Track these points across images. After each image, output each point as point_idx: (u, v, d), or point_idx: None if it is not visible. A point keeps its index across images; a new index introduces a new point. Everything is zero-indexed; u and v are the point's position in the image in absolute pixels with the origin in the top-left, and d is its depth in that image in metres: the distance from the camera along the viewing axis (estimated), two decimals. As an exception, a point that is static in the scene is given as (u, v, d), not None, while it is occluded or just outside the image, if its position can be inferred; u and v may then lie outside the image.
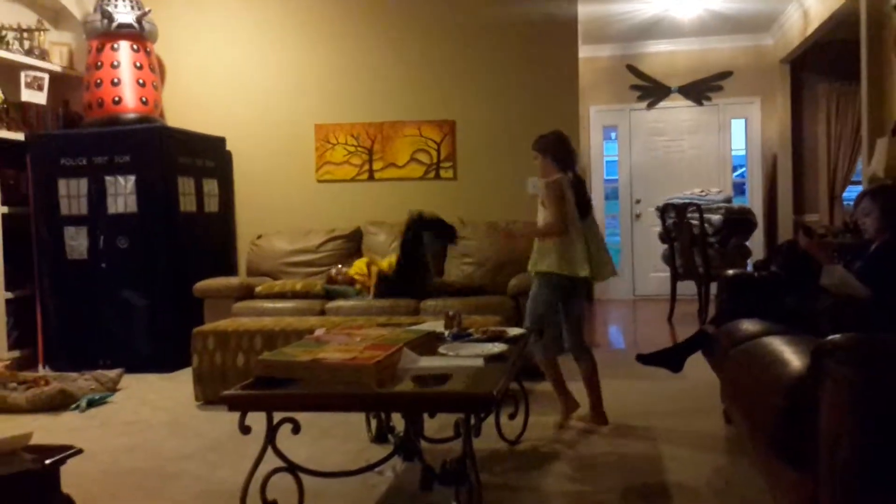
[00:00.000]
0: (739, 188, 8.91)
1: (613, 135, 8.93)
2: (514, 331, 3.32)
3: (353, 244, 5.63)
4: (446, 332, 3.18)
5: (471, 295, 4.92)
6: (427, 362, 2.73)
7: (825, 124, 8.17)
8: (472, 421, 2.42)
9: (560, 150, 3.84)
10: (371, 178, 5.98)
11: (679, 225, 6.95)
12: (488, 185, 5.88)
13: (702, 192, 7.80)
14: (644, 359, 3.76)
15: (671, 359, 3.70)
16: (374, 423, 3.45)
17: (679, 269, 7.09)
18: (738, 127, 8.68)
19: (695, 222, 6.77)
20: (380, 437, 3.39)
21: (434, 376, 2.55)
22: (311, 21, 6.08)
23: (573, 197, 3.67)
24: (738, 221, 7.16)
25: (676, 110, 8.63)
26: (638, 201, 8.78)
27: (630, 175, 8.80)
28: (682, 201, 7.21)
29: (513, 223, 5.50)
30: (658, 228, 7.55)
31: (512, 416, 3.49)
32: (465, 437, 2.39)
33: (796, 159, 8.26)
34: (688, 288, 7.02)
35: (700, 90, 8.48)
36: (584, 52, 8.05)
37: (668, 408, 3.99)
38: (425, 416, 3.29)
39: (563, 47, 5.82)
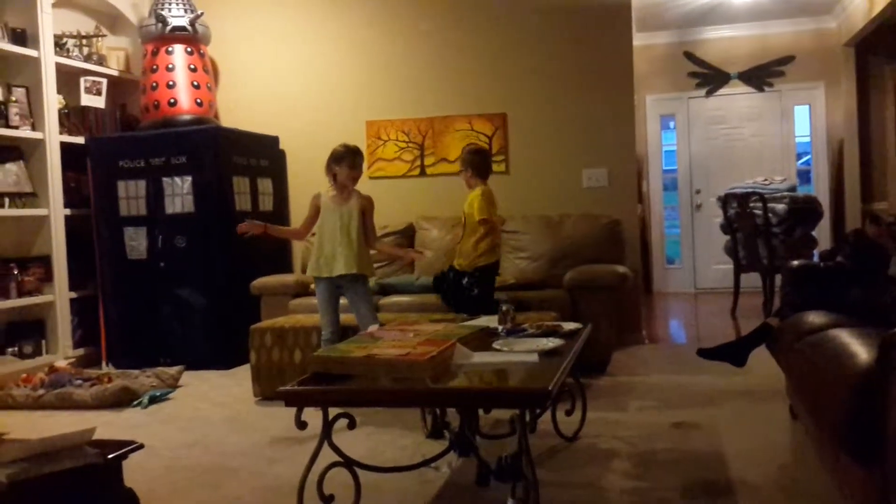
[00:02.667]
0: (804, 176, 8.65)
1: (671, 124, 8.76)
2: (569, 325, 3.27)
3: (405, 240, 5.62)
4: (500, 328, 3.14)
5: (525, 289, 4.86)
6: (481, 358, 2.70)
7: (893, 108, 7.85)
8: (527, 417, 2.39)
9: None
10: (423, 173, 5.97)
11: (741, 215, 6.78)
12: (541, 178, 5.81)
13: (765, 180, 7.57)
14: (706, 353, 3.66)
15: (734, 353, 3.60)
16: (429, 418, 3.43)
17: (742, 261, 6.91)
18: (801, 113, 8.43)
19: (758, 212, 6.59)
20: (435, 433, 3.36)
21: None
22: (361, 18, 6.08)
23: None
24: (804, 210, 6.93)
25: (737, 97, 8.42)
26: (698, 191, 8.60)
27: (689, 165, 8.62)
28: (744, 191, 7.01)
29: (567, 216, 5.44)
30: (719, 219, 7.37)
31: (569, 412, 3.43)
32: (520, 433, 2.35)
33: (863, 145, 7.97)
34: (752, 280, 6.84)
35: (761, 76, 8.26)
36: (639, 39, 7.91)
37: (731, 403, 3.87)
38: (480, 411, 3.26)
39: (617, 35, 5.71)
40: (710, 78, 8.37)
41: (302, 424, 2.50)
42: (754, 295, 6.80)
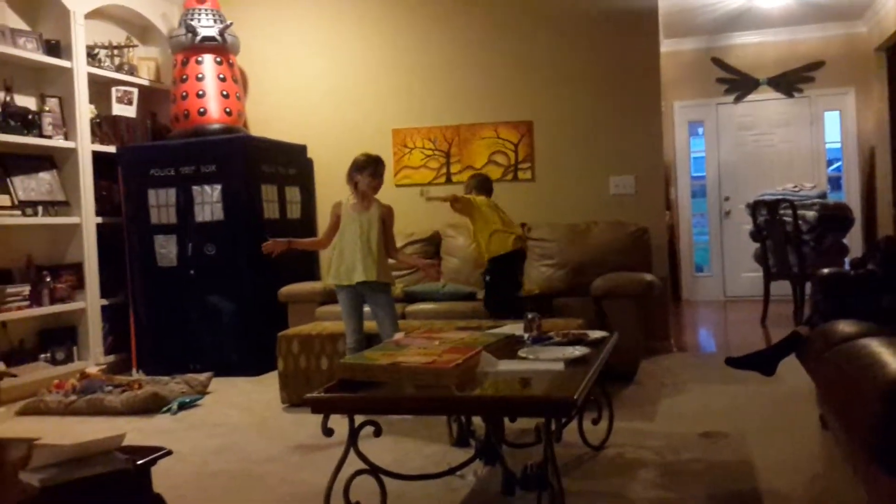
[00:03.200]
0: (835, 183, 8.54)
1: (700, 130, 8.70)
2: (595, 334, 3.25)
3: (431, 247, 5.64)
4: (526, 336, 3.14)
5: (551, 297, 4.85)
6: (506, 366, 2.69)
7: (926, 113, 7.74)
8: (553, 426, 2.38)
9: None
10: (449, 180, 5.98)
11: (771, 222, 6.71)
12: (567, 185, 5.80)
13: (795, 187, 7.49)
14: (734, 362, 3.61)
15: (763, 362, 3.55)
16: (455, 426, 3.43)
17: (772, 269, 6.83)
18: (831, 119, 8.32)
19: (788, 219, 6.52)
20: (461, 441, 3.37)
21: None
22: (387, 28, 6.13)
23: None
24: (834, 217, 6.84)
25: (766, 103, 8.34)
26: (727, 198, 8.52)
27: (718, 171, 8.55)
28: (773, 197, 6.94)
29: (594, 224, 5.42)
30: (749, 226, 7.30)
31: (595, 422, 3.41)
32: (545, 442, 2.35)
33: (895, 151, 7.85)
34: (782, 288, 6.76)
35: (790, 82, 8.17)
36: (667, 46, 7.87)
37: (760, 413, 3.83)
38: (506, 420, 3.26)
39: (644, 42, 5.69)
40: (739, 84, 8.30)
41: (328, 431, 2.52)
42: (785, 303, 6.71)
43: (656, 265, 5.47)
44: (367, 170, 4.00)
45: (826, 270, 3.75)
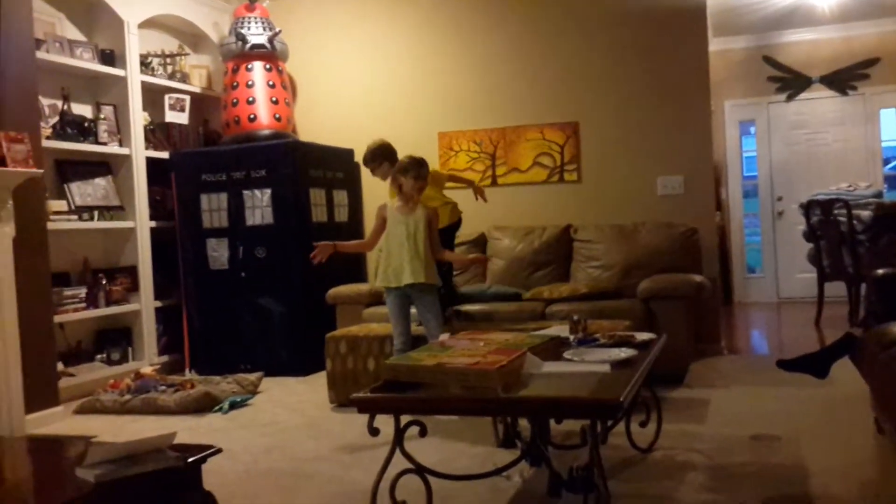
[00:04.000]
0: (892, 181, 8.33)
1: (751, 129, 8.55)
2: (643, 335, 3.22)
3: (478, 249, 5.64)
4: (571, 337, 3.12)
5: (598, 299, 4.82)
6: (551, 367, 2.69)
7: None
8: (598, 428, 2.37)
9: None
10: (494, 183, 5.98)
11: (825, 222, 6.56)
12: (614, 186, 5.75)
13: (849, 186, 7.32)
14: (786, 364, 3.55)
15: (815, 364, 3.48)
16: (500, 427, 3.43)
17: (826, 270, 6.69)
18: (887, 117, 8.11)
19: (842, 219, 6.37)
20: (507, 442, 3.36)
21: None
22: (432, 31, 6.16)
23: None
24: (891, 217, 6.66)
25: (819, 101, 8.16)
26: (780, 198, 8.36)
27: (770, 171, 8.40)
28: (827, 197, 6.79)
29: (641, 225, 5.37)
30: (802, 227, 7.15)
31: (643, 424, 3.38)
32: (591, 444, 2.34)
33: (956, 148, 7.62)
34: (837, 289, 6.61)
35: (844, 79, 7.98)
36: (716, 45, 7.76)
37: (813, 416, 3.75)
38: (552, 421, 3.25)
39: (692, 41, 5.62)
40: (791, 82, 8.14)
41: (374, 431, 2.54)
42: (839, 304, 6.56)
43: (706, 266, 5.40)
44: (411, 172, 4.02)
45: (881, 271, 3.66)
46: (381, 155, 4.62)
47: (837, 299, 6.63)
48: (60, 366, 4.81)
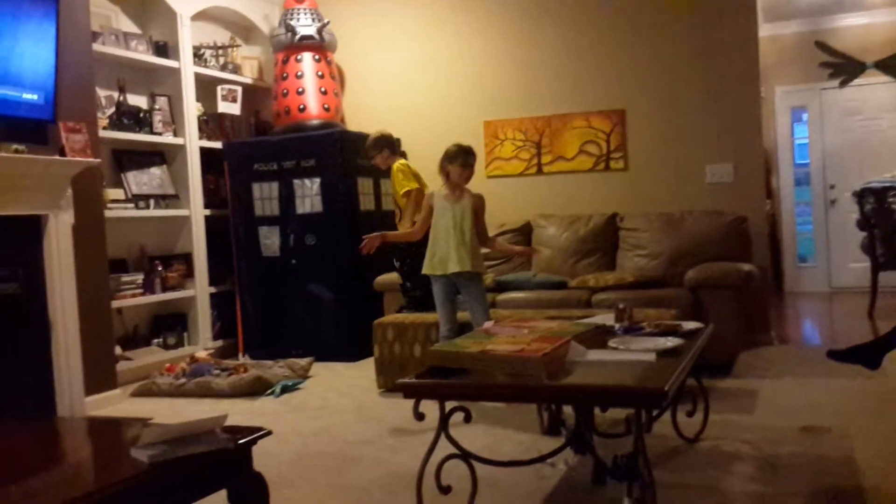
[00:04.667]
0: (951, 169, 8.07)
1: (804, 116, 8.37)
2: (689, 325, 3.20)
3: (523, 238, 5.65)
4: (616, 326, 3.12)
5: (644, 288, 4.79)
6: (596, 356, 2.69)
7: None
8: (643, 416, 2.37)
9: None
10: (540, 171, 5.98)
11: (879, 210, 6.41)
12: (661, 174, 5.70)
13: (905, 174, 7.14)
14: (837, 355, 3.50)
15: (867, 355, 3.42)
16: (545, 415, 3.45)
17: (880, 259, 6.53)
18: (947, 102, 7.86)
19: (897, 207, 6.23)
20: (552, 430, 3.39)
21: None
22: (479, 21, 6.15)
23: None
24: (948, 205, 6.49)
25: (873, 87, 7.94)
26: (832, 186, 8.18)
27: (823, 158, 8.22)
28: (882, 185, 6.62)
29: (689, 213, 5.32)
30: (855, 215, 6.99)
31: (690, 414, 3.37)
32: (635, 432, 2.34)
33: None
34: (891, 279, 6.46)
35: (901, 64, 7.75)
36: (767, 30, 7.61)
37: (864, 408, 3.70)
38: (597, 410, 3.26)
39: (741, 26, 5.52)
40: (845, 68, 7.92)
41: (419, 416, 2.59)
42: (894, 294, 6.41)
43: (756, 255, 5.33)
44: (458, 160, 4.04)
45: (936, 261, 3.59)
46: (382, 143, 5.00)
47: (892, 289, 6.48)
48: (118, 350, 4.96)
